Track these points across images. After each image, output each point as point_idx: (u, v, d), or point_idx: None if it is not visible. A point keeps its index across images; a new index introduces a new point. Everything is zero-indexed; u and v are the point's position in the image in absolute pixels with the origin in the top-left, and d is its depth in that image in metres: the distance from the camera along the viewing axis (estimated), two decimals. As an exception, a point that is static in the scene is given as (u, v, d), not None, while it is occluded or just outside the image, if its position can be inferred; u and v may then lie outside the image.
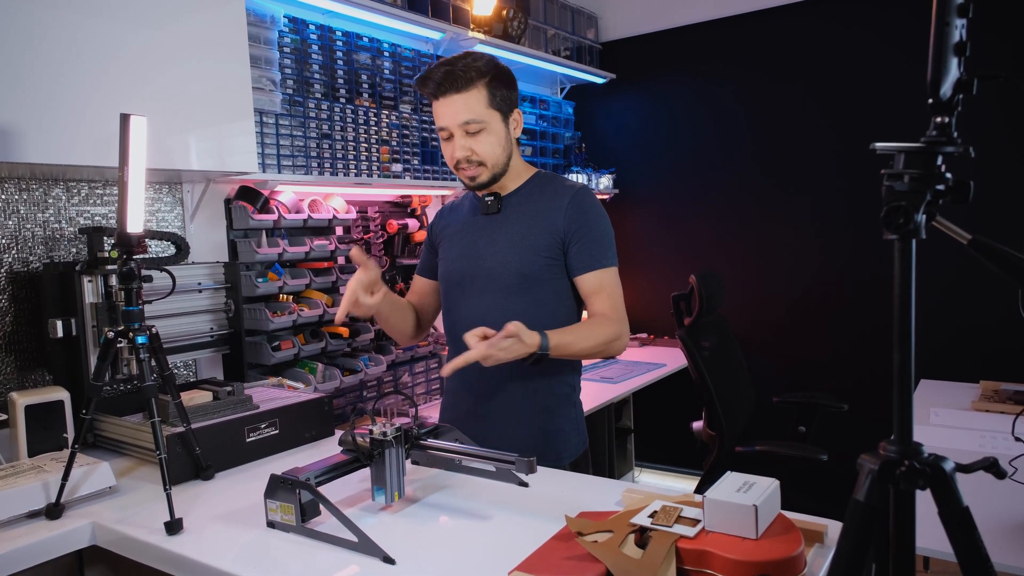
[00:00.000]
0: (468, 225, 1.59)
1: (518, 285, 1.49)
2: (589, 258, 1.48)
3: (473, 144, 1.45)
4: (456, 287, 1.57)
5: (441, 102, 1.44)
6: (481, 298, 1.52)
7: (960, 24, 0.71)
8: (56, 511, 1.25)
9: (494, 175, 1.49)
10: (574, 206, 1.49)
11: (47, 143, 1.43)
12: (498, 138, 1.47)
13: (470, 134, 1.45)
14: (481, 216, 1.57)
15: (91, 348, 1.56)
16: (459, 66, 1.43)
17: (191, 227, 2.03)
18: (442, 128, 1.46)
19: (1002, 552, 1.26)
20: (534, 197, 1.54)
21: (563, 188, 1.53)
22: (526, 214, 1.52)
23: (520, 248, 1.50)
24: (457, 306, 1.57)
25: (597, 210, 1.51)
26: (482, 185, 1.50)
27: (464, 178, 1.50)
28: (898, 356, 0.75)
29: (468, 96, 1.43)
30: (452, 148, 1.47)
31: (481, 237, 1.55)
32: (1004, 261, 0.74)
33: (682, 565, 0.91)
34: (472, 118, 1.43)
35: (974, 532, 0.73)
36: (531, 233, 1.50)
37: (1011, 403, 2.18)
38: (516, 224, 1.52)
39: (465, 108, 1.43)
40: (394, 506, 1.22)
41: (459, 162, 1.47)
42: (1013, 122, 2.66)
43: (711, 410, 2.39)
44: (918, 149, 0.72)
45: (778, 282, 3.27)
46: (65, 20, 1.44)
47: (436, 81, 1.43)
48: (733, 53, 3.32)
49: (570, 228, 1.48)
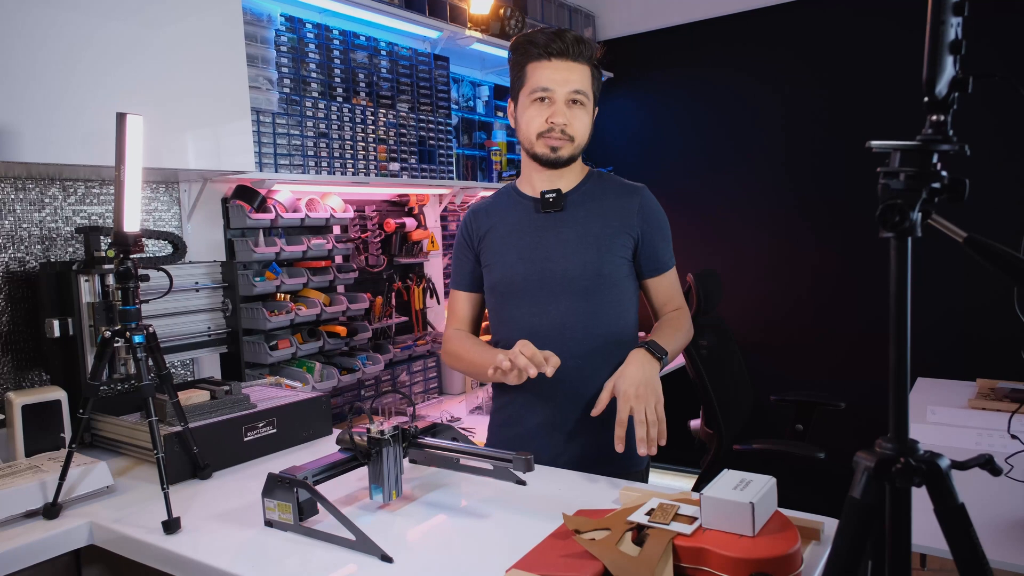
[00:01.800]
0: (522, 225, 1.47)
1: (597, 286, 1.42)
2: (664, 259, 1.48)
3: (572, 116, 1.40)
4: (518, 293, 1.45)
5: (555, 64, 1.38)
6: (553, 303, 1.43)
7: (956, 22, 0.71)
8: (53, 511, 1.24)
9: (572, 155, 1.44)
10: (647, 205, 1.47)
11: (43, 142, 1.42)
12: (590, 120, 1.45)
13: (573, 103, 1.40)
14: (539, 215, 1.46)
15: (88, 348, 1.56)
16: (580, 37, 1.40)
17: (188, 226, 2.03)
18: (545, 89, 1.39)
19: (998, 549, 1.26)
20: (597, 195, 1.47)
21: (628, 186, 1.50)
22: (594, 212, 1.45)
23: (598, 246, 1.42)
24: (522, 313, 1.45)
25: (662, 209, 1.51)
26: (559, 161, 1.43)
27: (546, 147, 1.41)
28: (894, 354, 0.75)
29: (582, 68, 1.40)
30: (549, 112, 1.39)
31: (546, 236, 1.45)
32: (1000, 259, 0.74)
33: (679, 562, 0.91)
34: (583, 89, 1.40)
35: (970, 529, 0.73)
36: (606, 231, 1.43)
37: (1007, 401, 2.18)
38: (586, 222, 1.44)
39: (580, 77, 1.40)
40: (392, 505, 1.22)
41: (553, 128, 1.39)
42: (1009, 120, 2.67)
43: (709, 409, 2.39)
44: (914, 147, 0.72)
45: (776, 281, 3.27)
46: (62, 19, 1.44)
47: (567, 41, 1.38)
48: (730, 51, 3.33)
49: (644, 228, 1.45)
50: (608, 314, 1.43)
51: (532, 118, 1.41)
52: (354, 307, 2.33)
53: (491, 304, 1.52)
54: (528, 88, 1.41)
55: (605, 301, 1.43)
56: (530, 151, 1.45)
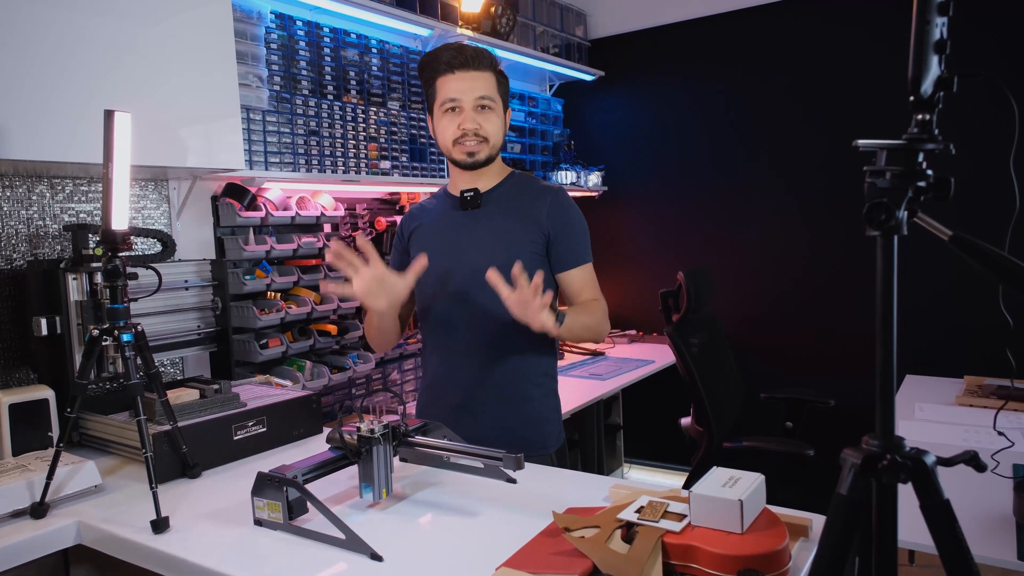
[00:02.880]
0: (444, 222, 1.59)
1: (506, 279, 1.48)
2: (574, 254, 1.55)
3: (481, 120, 1.50)
4: (437, 284, 1.55)
5: (458, 75, 1.49)
6: (465, 296, 1.52)
7: (941, 22, 0.71)
8: (41, 510, 1.24)
9: (490, 156, 1.53)
10: (556, 204, 1.54)
11: (30, 139, 1.41)
12: (501, 122, 1.55)
13: (481, 109, 1.50)
14: (459, 212, 1.57)
15: (76, 346, 1.55)
16: (479, 49, 1.52)
17: (178, 224, 2.02)
18: (452, 99, 1.49)
19: (984, 545, 1.28)
20: (513, 194, 1.57)
21: (542, 188, 1.58)
22: (508, 210, 1.55)
23: (507, 242, 1.51)
24: (439, 304, 1.56)
25: (576, 209, 1.58)
26: (477, 163, 1.53)
27: (463, 153, 1.52)
28: (881, 351, 0.76)
29: (485, 75, 1.51)
30: (459, 120, 1.50)
31: (462, 233, 1.55)
32: (984, 257, 0.75)
33: (668, 560, 0.92)
34: (487, 94, 1.50)
35: (955, 524, 0.74)
36: (517, 227, 1.52)
37: (994, 398, 2.20)
38: (499, 219, 1.54)
39: (484, 84, 1.50)
40: (382, 503, 1.22)
41: (465, 134, 1.50)
42: (994, 119, 2.69)
43: (699, 406, 2.40)
44: (899, 146, 0.73)
45: (766, 279, 3.29)
46: (50, 15, 1.43)
47: (467, 55, 1.49)
48: (722, 50, 3.33)
49: (554, 226, 1.53)
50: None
51: (445, 127, 1.52)
52: (345, 305, 2.33)
53: (416, 295, 1.61)
54: (439, 101, 1.52)
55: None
56: (449, 158, 1.56)
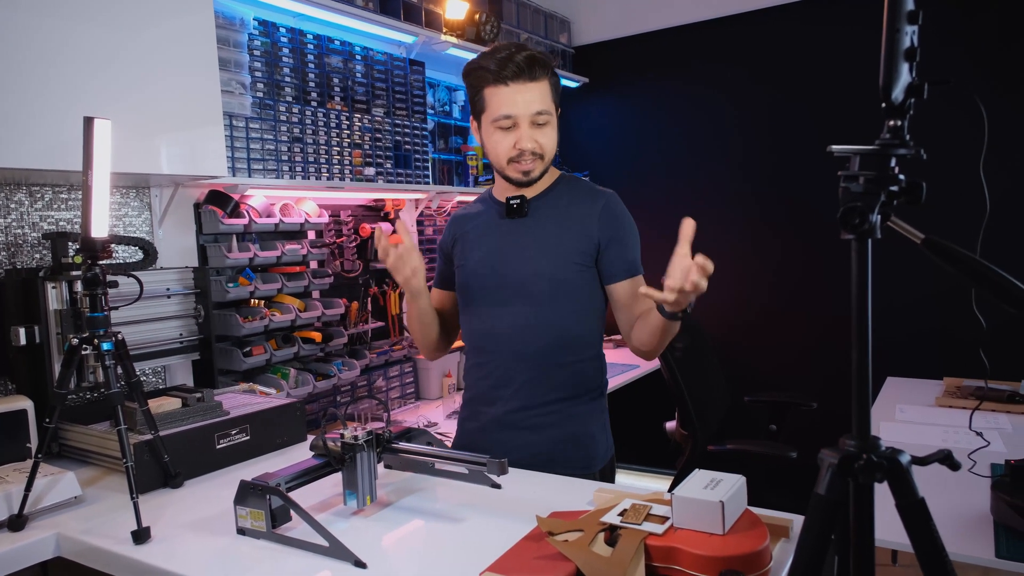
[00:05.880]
0: (489, 230, 1.49)
1: (551, 292, 1.42)
2: (626, 264, 1.44)
3: (538, 136, 1.38)
4: (479, 294, 1.48)
5: (512, 88, 1.35)
6: (510, 306, 1.44)
7: (911, 31, 0.73)
8: (19, 522, 1.22)
9: (543, 171, 1.43)
10: (607, 211, 1.44)
11: (8, 146, 1.40)
12: (556, 131, 1.43)
13: (538, 125, 1.38)
14: (504, 220, 1.48)
15: (55, 356, 1.53)
16: (536, 52, 1.36)
17: (159, 232, 2.01)
18: (507, 116, 1.36)
19: (960, 543, 1.29)
20: (562, 201, 1.46)
21: (593, 192, 1.48)
22: (555, 218, 1.45)
23: (553, 254, 1.42)
24: (481, 314, 1.48)
25: (628, 216, 1.49)
26: (533, 181, 1.43)
27: (518, 172, 1.41)
28: (856, 352, 0.77)
29: (543, 85, 1.37)
30: (515, 138, 1.38)
31: (507, 242, 1.46)
32: (956, 260, 0.77)
33: (651, 562, 0.92)
34: (545, 108, 1.38)
35: (929, 523, 0.75)
36: (564, 238, 1.43)
37: (972, 399, 2.24)
38: (546, 228, 1.44)
39: (540, 97, 1.37)
40: (366, 510, 1.21)
41: (523, 153, 1.38)
42: (965, 126, 2.74)
43: (684, 410, 2.42)
44: (872, 151, 0.75)
45: (750, 283, 3.32)
46: (29, 22, 1.42)
47: (519, 64, 1.34)
48: (705, 57, 3.37)
49: (604, 234, 1.43)
50: (562, 319, 1.43)
51: (498, 143, 1.40)
52: (329, 312, 2.32)
53: (459, 303, 1.56)
54: (490, 115, 1.39)
55: (559, 306, 1.43)
56: (502, 174, 1.45)
